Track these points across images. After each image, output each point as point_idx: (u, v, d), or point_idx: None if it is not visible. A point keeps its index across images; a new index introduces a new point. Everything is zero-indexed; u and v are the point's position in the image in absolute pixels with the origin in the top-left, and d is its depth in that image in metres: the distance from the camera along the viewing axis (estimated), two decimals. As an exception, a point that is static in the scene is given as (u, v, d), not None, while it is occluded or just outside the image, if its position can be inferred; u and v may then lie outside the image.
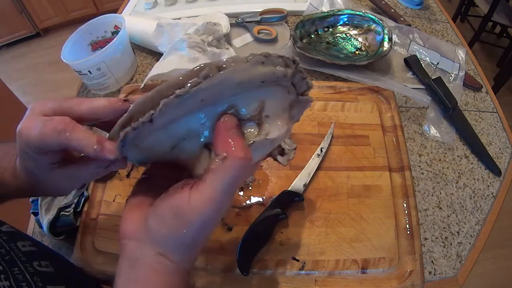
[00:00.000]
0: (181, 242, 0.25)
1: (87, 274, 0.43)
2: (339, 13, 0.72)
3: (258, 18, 0.75)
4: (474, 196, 0.53)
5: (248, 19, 0.75)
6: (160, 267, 0.25)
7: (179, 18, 0.73)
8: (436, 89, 0.63)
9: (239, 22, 0.75)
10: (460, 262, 0.47)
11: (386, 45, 0.65)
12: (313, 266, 0.44)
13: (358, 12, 0.71)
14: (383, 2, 0.80)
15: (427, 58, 0.70)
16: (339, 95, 0.61)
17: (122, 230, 0.26)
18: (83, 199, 0.48)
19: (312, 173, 0.50)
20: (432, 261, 0.47)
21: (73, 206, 0.47)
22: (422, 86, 0.66)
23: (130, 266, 0.25)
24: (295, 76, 0.25)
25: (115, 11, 0.78)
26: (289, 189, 0.48)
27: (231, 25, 0.73)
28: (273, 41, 0.73)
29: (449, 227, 0.50)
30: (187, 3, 0.81)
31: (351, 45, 0.70)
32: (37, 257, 0.34)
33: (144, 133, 0.23)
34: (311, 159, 0.52)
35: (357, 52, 0.69)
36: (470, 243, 0.48)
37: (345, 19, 0.72)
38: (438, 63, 0.70)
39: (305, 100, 0.27)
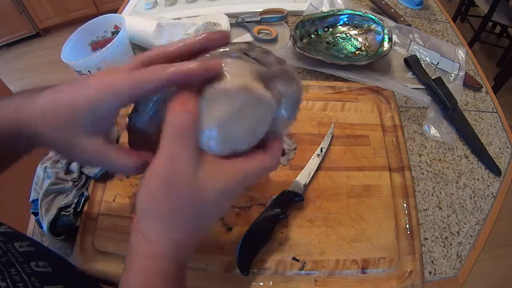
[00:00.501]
0: (155, 211, 0.24)
1: (86, 274, 0.43)
2: (339, 13, 0.72)
3: (258, 18, 0.75)
4: (474, 196, 0.53)
5: (248, 19, 0.75)
6: (138, 249, 0.25)
7: (179, 18, 0.73)
8: (436, 89, 0.63)
9: (239, 22, 0.75)
10: (460, 262, 0.47)
11: (386, 45, 0.65)
12: (313, 266, 0.44)
13: (358, 12, 0.71)
14: (383, 2, 0.80)
15: (427, 58, 0.70)
16: (339, 95, 0.61)
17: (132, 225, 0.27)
18: (83, 199, 0.48)
19: (312, 173, 0.50)
20: (432, 261, 0.47)
21: (73, 206, 0.47)
22: (422, 86, 0.66)
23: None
24: (253, 51, 0.27)
25: (115, 11, 0.77)
26: (289, 189, 0.48)
27: (231, 25, 0.73)
28: (273, 41, 0.73)
29: (449, 227, 0.50)
30: (187, 3, 0.81)
31: (351, 45, 0.70)
32: (35, 258, 0.34)
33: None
34: (311, 159, 0.52)
35: (357, 52, 0.69)
36: (470, 243, 0.48)
37: (345, 19, 0.72)
38: (438, 63, 0.70)
39: (280, 71, 0.27)
